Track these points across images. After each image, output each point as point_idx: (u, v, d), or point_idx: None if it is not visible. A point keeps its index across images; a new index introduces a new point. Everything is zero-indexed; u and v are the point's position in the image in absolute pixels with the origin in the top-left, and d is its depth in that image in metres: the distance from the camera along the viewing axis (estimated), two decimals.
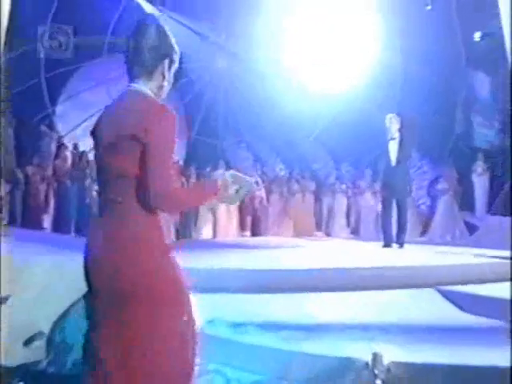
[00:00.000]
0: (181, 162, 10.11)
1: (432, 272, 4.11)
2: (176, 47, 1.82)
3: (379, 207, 7.09)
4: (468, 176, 9.53)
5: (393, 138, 6.06)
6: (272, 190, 9.20)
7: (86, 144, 9.76)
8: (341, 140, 10.56)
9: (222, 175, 1.80)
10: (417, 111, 9.77)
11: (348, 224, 8.81)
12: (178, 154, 10.78)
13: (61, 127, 10.65)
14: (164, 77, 1.78)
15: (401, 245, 6.15)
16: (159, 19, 1.87)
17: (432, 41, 10.30)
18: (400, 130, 6.10)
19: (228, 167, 9.36)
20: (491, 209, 9.45)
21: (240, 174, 1.81)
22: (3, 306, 2.91)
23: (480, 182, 9.41)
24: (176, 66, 1.82)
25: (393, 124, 6.10)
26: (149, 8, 10.15)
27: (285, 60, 11.10)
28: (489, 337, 2.77)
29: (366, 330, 2.76)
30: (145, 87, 1.74)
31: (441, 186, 8.69)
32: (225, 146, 11.51)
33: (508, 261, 4.33)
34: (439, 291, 3.70)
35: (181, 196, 1.75)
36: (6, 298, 2.97)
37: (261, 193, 8.81)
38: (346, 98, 10.69)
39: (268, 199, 9.01)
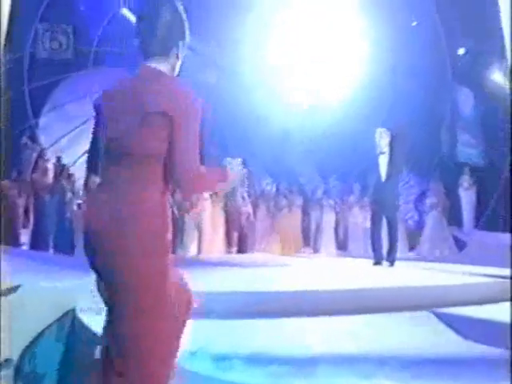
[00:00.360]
0: None
1: (427, 293, 3.91)
2: (187, 27, 1.80)
3: (368, 223, 6.87)
4: (454, 190, 9.41)
5: (382, 153, 5.88)
6: (259, 205, 8.94)
7: (70, 156, 9.50)
8: (328, 154, 10.43)
9: (229, 163, 1.82)
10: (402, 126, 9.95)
11: (336, 240, 8.57)
12: None
13: (44, 139, 10.33)
14: (178, 57, 1.78)
15: (391, 263, 5.96)
16: None
17: (419, 56, 10.34)
18: (390, 145, 5.93)
19: None
20: (478, 224, 9.46)
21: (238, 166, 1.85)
22: None
23: (466, 197, 9.33)
24: (186, 47, 1.82)
25: (382, 138, 5.94)
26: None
27: (272, 74, 10.91)
28: (488, 370, 2.56)
29: (361, 362, 2.54)
30: (162, 66, 1.73)
31: (429, 200, 8.49)
32: (211, 160, 11.20)
33: (506, 280, 4.16)
34: (435, 314, 3.49)
35: (205, 176, 1.73)
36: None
37: (247, 208, 8.56)
38: (333, 112, 10.60)
39: (255, 214, 8.75)
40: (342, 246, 8.53)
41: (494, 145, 9.65)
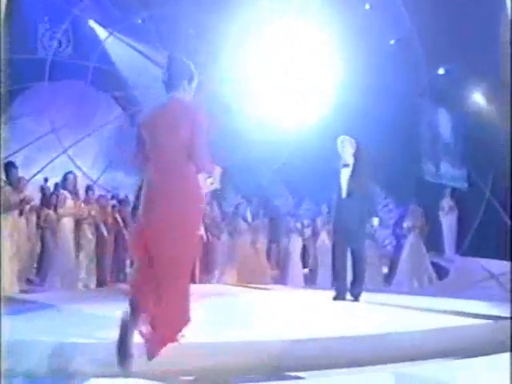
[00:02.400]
0: (130, 196, 8.90)
1: (392, 342, 2.87)
2: (192, 70, 2.82)
3: None
4: (435, 214, 8.72)
5: (346, 165, 4.94)
6: (222, 230, 8.14)
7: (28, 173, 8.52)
8: (301, 176, 9.60)
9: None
10: (379, 147, 9.09)
11: (304, 268, 7.61)
12: (129, 188, 9.64)
13: None
14: (185, 90, 2.77)
15: (355, 297, 4.94)
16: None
17: (396, 76, 9.62)
18: (354, 156, 4.98)
19: None
20: (460, 249, 8.65)
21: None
22: None
23: (448, 221, 8.67)
24: (195, 81, 2.81)
25: (345, 148, 4.99)
26: (101, 32, 9.20)
27: (247, 93, 10.20)
28: None
29: None
30: (180, 95, 2.75)
31: (406, 224, 7.73)
32: None
33: (506, 322, 3.14)
34: (400, 375, 2.50)
35: (211, 162, 2.69)
36: None
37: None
38: (308, 132, 9.85)
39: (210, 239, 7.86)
40: (309, 275, 7.54)
41: (475, 166, 8.93)
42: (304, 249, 7.95)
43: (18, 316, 3.65)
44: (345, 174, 4.91)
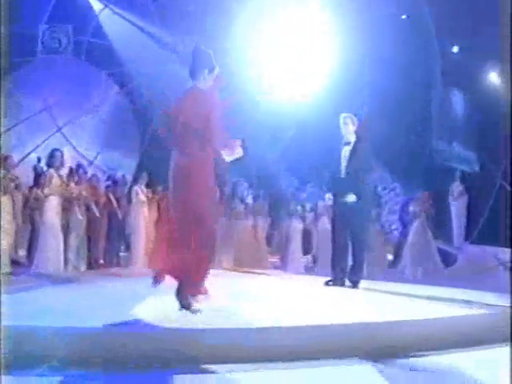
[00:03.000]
0: (128, 177, 8.57)
1: (387, 332, 2.51)
2: (212, 60, 3.25)
3: None
4: (444, 199, 8.27)
5: (347, 143, 4.63)
6: (220, 211, 7.54)
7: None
8: (306, 157, 9.19)
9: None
10: (388, 127, 8.79)
11: (304, 253, 7.27)
12: (126, 168, 9.33)
13: None
14: (205, 79, 3.18)
15: (354, 284, 4.62)
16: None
17: (407, 51, 9.09)
18: (356, 133, 4.66)
19: None
20: (470, 237, 8.31)
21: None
22: None
23: (457, 206, 8.16)
24: (214, 73, 3.22)
25: (348, 125, 4.68)
26: (96, 4, 8.76)
27: (248, 70, 9.75)
28: None
29: None
30: (200, 85, 3.18)
31: (411, 208, 7.22)
32: None
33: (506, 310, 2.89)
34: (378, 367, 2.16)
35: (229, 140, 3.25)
36: None
37: None
38: (312, 111, 9.36)
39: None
40: (311, 261, 7.21)
41: (487, 149, 8.45)
42: (308, 234, 7.57)
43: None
44: (345, 153, 4.63)
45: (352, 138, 4.65)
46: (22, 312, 2.92)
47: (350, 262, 4.73)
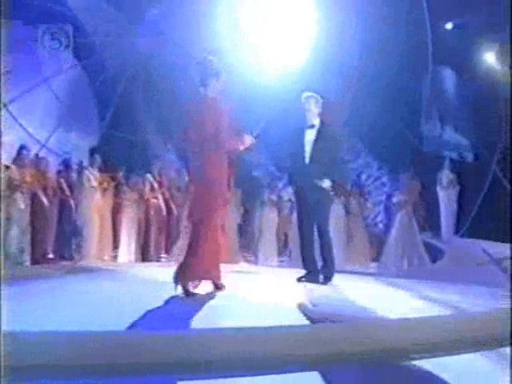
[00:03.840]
0: (84, 161, 8.17)
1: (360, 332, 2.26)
2: (217, 68, 3.67)
3: None
4: (433, 188, 8.21)
5: (311, 126, 4.38)
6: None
7: None
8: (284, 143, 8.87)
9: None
10: (372, 108, 8.66)
11: (278, 245, 7.08)
12: (81, 151, 8.91)
13: None
14: (215, 86, 3.63)
15: (326, 280, 4.40)
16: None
17: (395, 27, 8.72)
18: (320, 116, 4.43)
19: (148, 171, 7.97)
20: (460, 229, 8.23)
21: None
22: None
23: (446, 197, 8.11)
24: (221, 79, 3.61)
25: (310, 106, 4.43)
26: None
27: (222, 45, 9.33)
28: None
29: None
30: (210, 92, 3.62)
31: (396, 198, 7.07)
32: (147, 144, 9.55)
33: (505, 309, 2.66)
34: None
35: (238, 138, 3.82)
36: None
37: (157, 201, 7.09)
38: (289, 92, 9.02)
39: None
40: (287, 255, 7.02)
41: (482, 135, 8.34)
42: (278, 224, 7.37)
43: None
44: (309, 137, 4.41)
45: (316, 121, 4.43)
46: None
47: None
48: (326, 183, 4.37)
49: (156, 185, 7.81)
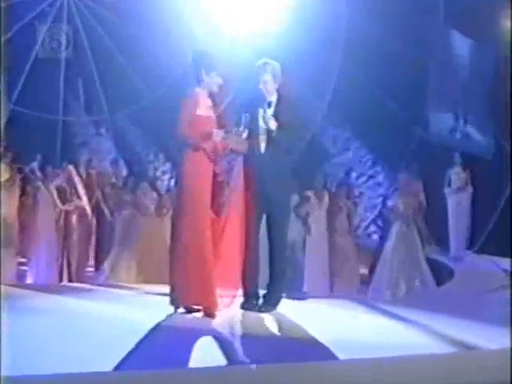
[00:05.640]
0: None
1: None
2: (208, 61, 3.94)
3: None
4: (440, 191, 8.17)
5: (268, 105, 4.01)
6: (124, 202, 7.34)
7: None
8: None
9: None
10: (366, 87, 8.53)
11: None
12: None
13: None
14: (204, 80, 3.90)
15: (270, 306, 3.93)
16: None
17: None
18: (278, 91, 4.08)
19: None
20: (474, 243, 8.33)
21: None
22: None
23: (457, 200, 8.07)
24: (212, 72, 3.89)
25: (264, 77, 3.99)
26: None
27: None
28: None
29: None
30: (202, 86, 3.90)
31: (392, 204, 7.05)
32: (72, 127, 9.38)
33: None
34: None
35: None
36: None
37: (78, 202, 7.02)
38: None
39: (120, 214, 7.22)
40: None
41: (502, 123, 8.16)
42: None
43: None
44: (266, 118, 4.01)
45: (272, 97, 4.03)
46: None
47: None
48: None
49: (79, 179, 7.45)
